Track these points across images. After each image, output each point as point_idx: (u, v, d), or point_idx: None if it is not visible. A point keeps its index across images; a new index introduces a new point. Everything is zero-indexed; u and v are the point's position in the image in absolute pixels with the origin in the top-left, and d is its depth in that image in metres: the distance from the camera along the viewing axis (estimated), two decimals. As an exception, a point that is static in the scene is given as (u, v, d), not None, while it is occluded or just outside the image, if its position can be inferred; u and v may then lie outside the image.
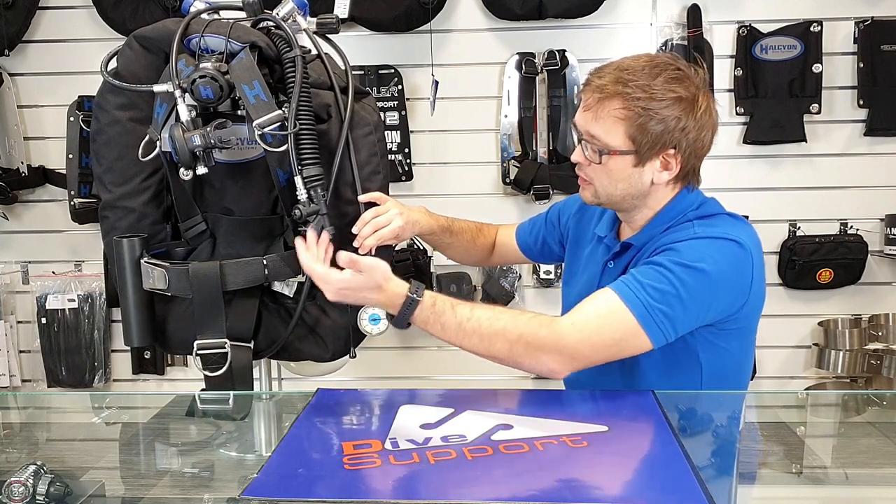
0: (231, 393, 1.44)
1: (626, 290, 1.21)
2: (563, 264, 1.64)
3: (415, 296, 1.22)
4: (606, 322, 1.21)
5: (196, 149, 1.31)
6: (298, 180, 1.36)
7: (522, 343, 1.21)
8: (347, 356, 1.60)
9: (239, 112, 1.40)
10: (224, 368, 1.44)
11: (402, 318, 1.24)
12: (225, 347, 1.44)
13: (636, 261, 1.36)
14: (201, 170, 1.34)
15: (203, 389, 1.45)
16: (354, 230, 1.46)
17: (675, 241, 1.27)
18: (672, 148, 1.28)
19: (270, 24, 1.41)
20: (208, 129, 1.32)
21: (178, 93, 1.32)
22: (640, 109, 1.25)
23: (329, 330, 1.55)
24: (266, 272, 1.44)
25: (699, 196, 1.39)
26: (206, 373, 1.44)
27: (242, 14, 1.45)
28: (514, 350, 1.22)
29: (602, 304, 1.23)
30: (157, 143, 1.38)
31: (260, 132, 1.33)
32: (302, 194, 1.37)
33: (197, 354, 1.44)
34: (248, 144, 1.47)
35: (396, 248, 2.49)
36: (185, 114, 1.32)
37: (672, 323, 1.20)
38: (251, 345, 1.49)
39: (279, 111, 1.33)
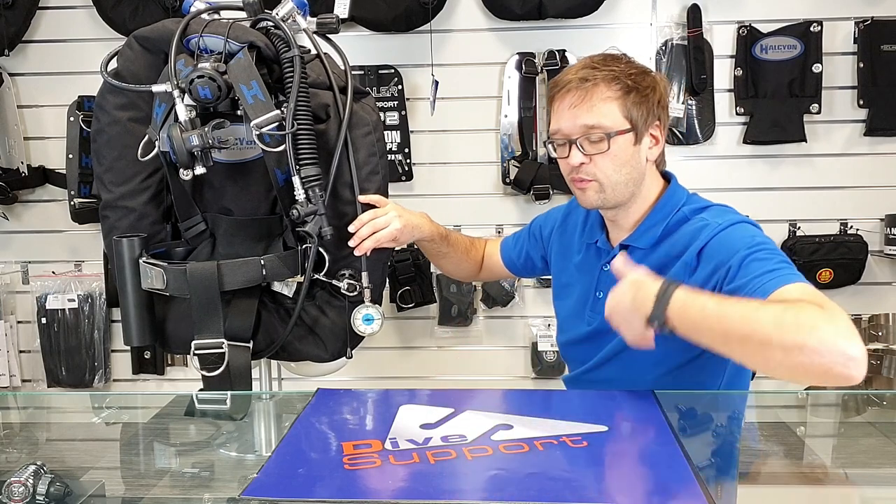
0: (229, 393, 1.44)
1: (787, 278, 1.12)
2: (552, 279, 1.62)
3: (670, 282, 1.10)
4: (826, 298, 1.06)
5: (194, 149, 1.31)
6: (296, 180, 1.36)
7: (792, 319, 0.98)
8: (345, 357, 1.60)
9: (238, 112, 1.40)
10: (221, 368, 1.44)
11: (660, 302, 1.08)
12: (222, 347, 1.44)
13: (639, 265, 1.35)
14: (199, 170, 1.34)
15: (201, 389, 1.45)
16: (351, 229, 1.46)
17: (709, 240, 1.26)
18: (657, 120, 1.35)
19: (269, 24, 1.41)
20: (206, 129, 1.32)
21: (176, 93, 1.32)
22: (627, 86, 1.31)
23: (328, 330, 1.55)
24: (263, 272, 1.44)
25: (682, 190, 1.41)
26: (204, 373, 1.44)
27: (243, 14, 1.45)
28: (785, 330, 0.97)
29: (802, 292, 1.09)
30: (156, 143, 1.38)
31: (258, 132, 1.33)
32: (300, 194, 1.37)
33: (194, 354, 1.44)
34: (247, 144, 1.48)
35: (396, 250, 2.49)
36: (183, 114, 1.32)
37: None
38: (250, 345, 1.49)
39: (277, 111, 1.33)
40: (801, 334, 0.96)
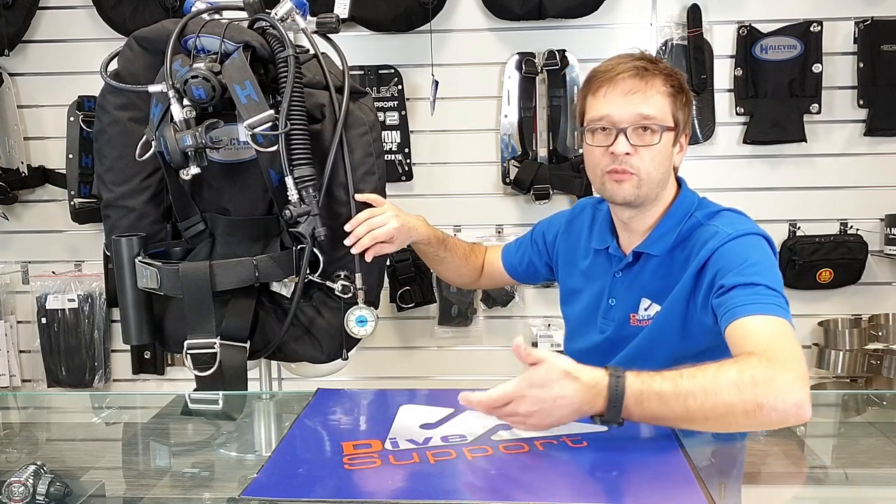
0: (221, 393, 1.43)
1: (760, 307, 1.15)
2: (559, 286, 1.61)
3: (616, 373, 1.02)
4: (787, 336, 1.11)
5: (187, 149, 1.32)
6: (289, 181, 1.36)
7: (749, 380, 1.01)
8: (341, 359, 1.59)
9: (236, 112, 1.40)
10: (213, 368, 1.44)
11: (615, 402, 1.00)
12: (214, 347, 1.43)
13: (655, 272, 1.35)
14: (194, 170, 1.34)
15: (195, 389, 1.45)
16: (348, 228, 1.45)
17: (715, 250, 1.26)
18: (687, 128, 1.36)
19: (266, 24, 1.40)
20: (199, 129, 1.32)
21: (171, 93, 1.32)
22: (680, 85, 1.31)
23: (324, 331, 1.54)
24: (256, 273, 1.44)
25: (693, 193, 1.41)
26: (196, 372, 1.44)
27: (245, 14, 1.45)
28: (745, 392, 1.00)
29: (764, 328, 1.12)
30: (153, 143, 1.38)
31: (250, 132, 1.33)
32: (293, 195, 1.37)
33: (187, 354, 1.44)
34: (243, 145, 1.47)
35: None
36: (178, 114, 1.32)
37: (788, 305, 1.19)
38: (247, 345, 1.49)
39: (270, 111, 1.32)
40: (758, 395, 1.01)
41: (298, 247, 1.47)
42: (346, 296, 1.49)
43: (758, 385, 1.01)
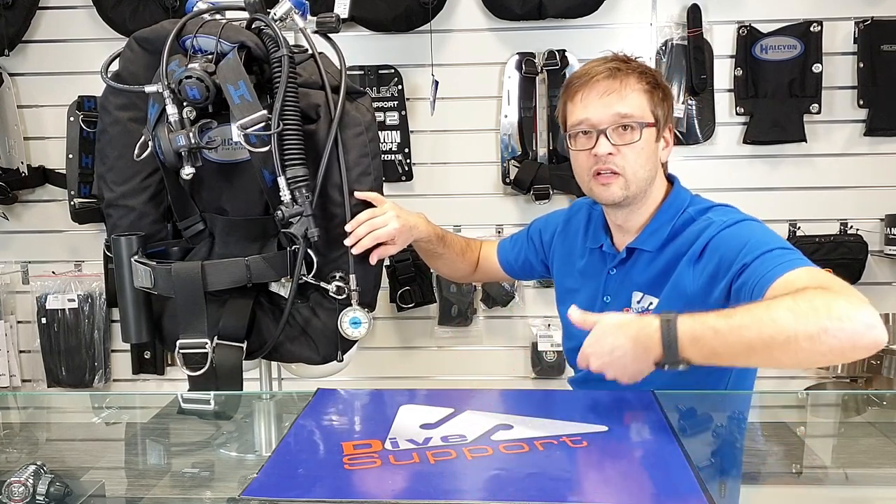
0: (216, 393, 1.43)
1: (789, 264, 1.12)
2: (554, 285, 1.62)
3: (667, 317, 1.05)
4: (831, 276, 1.09)
5: (180, 149, 1.31)
6: (282, 181, 1.36)
7: (805, 306, 0.98)
8: (335, 361, 1.59)
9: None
10: (205, 368, 1.43)
11: (668, 344, 1.04)
12: (205, 347, 1.43)
13: (647, 267, 1.35)
14: (189, 169, 1.34)
15: (189, 389, 1.45)
16: (348, 228, 1.44)
17: (712, 238, 1.26)
18: (670, 122, 1.37)
19: (263, 23, 1.40)
20: (193, 129, 1.32)
21: (166, 93, 1.32)
22: (655, 81, 1.33)
23: (319, 332, 1.54)
24: (248, 274, 1.44)
25: (686, 191, 1.42)
26: (188, 372, 1.44)
27: (246, 14, 1.45)
28: (803, 318, 0.97)
29: (804, 275, 1.09)
30: (150, 143, 1.38)
31: (242, 132, 1.33)
32: (285, 195, 1.37)
33: (179, 353, 1.44)
34: (239, 145, 1.47)
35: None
36: (172, 114, 1.32)
37: None
38: (244, 345, 1.49)
39: (263, 111, 1.32)
40: (820, 318, 0.98)
41: (293, 247, 1.47)
42: (340, 297, 1.49)
43: (817, 309, 0.98)
